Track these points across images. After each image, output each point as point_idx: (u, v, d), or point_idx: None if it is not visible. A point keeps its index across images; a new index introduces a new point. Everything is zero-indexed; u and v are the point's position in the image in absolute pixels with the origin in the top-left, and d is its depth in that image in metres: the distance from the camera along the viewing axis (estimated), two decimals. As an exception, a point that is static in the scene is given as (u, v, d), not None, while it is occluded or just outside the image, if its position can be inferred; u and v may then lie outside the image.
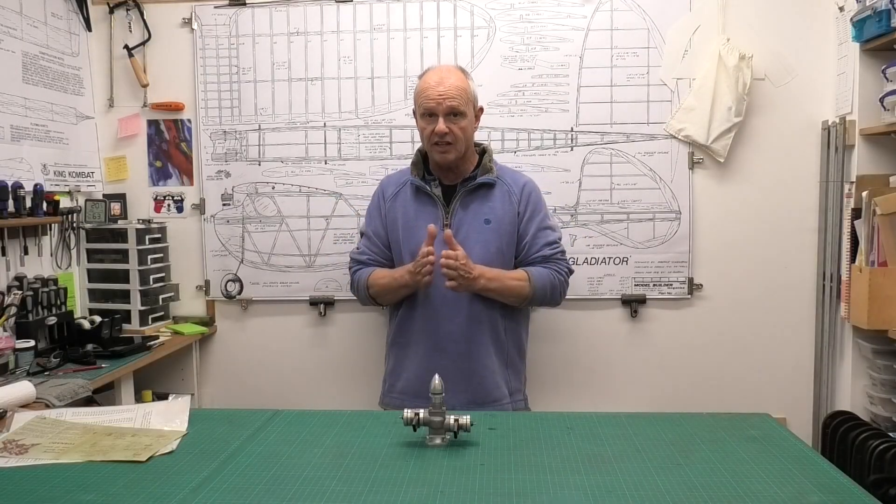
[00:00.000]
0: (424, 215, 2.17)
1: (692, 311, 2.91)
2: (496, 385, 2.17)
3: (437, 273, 2.06)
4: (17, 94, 2.56)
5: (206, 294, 3.04)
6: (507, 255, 2.19)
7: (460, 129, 2.08)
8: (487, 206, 2.17)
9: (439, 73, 2.13)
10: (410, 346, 2.20)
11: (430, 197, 2.18)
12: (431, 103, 2.07)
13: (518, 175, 2.29)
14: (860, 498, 1.11)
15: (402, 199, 2.23)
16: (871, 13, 2.38)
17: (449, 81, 2.09)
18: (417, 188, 2.20)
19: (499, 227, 2.16)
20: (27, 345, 2.29)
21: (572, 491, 1.14)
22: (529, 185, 2.24)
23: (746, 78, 2.75)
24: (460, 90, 2.09)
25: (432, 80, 2.11)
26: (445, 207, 2.17)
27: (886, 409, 2.44)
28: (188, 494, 1.13)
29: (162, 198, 3.06)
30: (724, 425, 1.43)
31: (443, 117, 2.06)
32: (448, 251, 2.03)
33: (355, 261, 2.32)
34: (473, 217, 2.16)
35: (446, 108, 2.06)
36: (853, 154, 2.62)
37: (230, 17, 2.95)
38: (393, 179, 2.33)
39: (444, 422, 1.33)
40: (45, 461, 1.26)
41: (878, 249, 2.41)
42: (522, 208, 2.19)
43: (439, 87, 2.08)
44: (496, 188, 2.18)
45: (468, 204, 2.17)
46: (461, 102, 2.08)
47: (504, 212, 2.17)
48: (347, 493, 1.14)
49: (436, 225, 2.07)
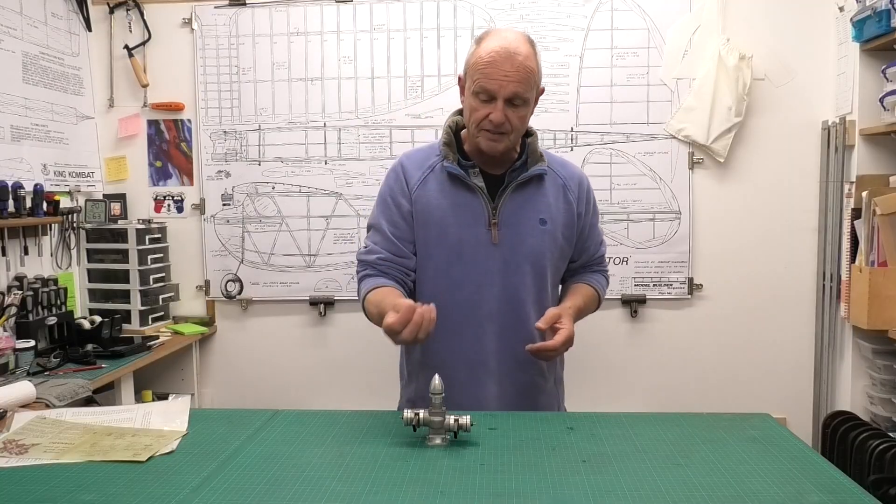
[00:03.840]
0: (463, 211, 1.70)
1: (692, 311, 2.91)
2: (550, 408, 1.83)
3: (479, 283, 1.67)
4: (17, 94, 2.56)
5: (206, 294, 3.04)
6: (562, 262, 1.80)
7: (519, 119, 1.65)
8: (543, 202, 1.73)
9: (506, 43, 1.62)
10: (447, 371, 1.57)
11: (468, 188, 1.71)
12: (493, 85, 1.60)
13: (570, 166, 1.85)
14: (860, 498, 1.10)
15: (433, 188, 1.72)
16: (871, 13, 2.38)
17: (517, 59, 1.60)
18: (451, 175, 1.71)
19: (555, 230, 1.73)
20: (27, 345, 2.29)
21: (572, 491, 1.14)
22: (586, 180, 1.84)
23: (746, 78, 2.75)
24: (528, 72, 1.62)
25: (497, 52, 1.60)
26: (490, 202, 1.70)
27: (886, 409, 2.44)
28: (188, 494, 1.13)
29: (162, 198, 3.06)
30: (724, 425, 1.43)
31: (503, 102, 1.62)
32: (546, 344, 1.58)
33: (362, 262, 1.75)
34: (526, 215, 1.72)
35: (509, 94, 1.61)
36: (853, 154, 2.62)
37: (230, 17, 2.95)
38: (417, 160, 1.78)
39: (444, 422, 1.33)
40: (45, 461, 1.26)
41: (878, 249, 2.41)
42: (583, 208, 1.79)
43: (505, 66, 1.60)
44: (546, 180, 1.75)
45: (519, 200, 1.72)
46: (527, 88, 1.63)
47: (558, 210, 1.75)
48: (347, 493, 1.13)
49: (480, 222, 1.68)
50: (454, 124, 1.76)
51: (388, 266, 1.72)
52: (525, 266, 1.70)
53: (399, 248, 1.72)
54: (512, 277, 1.70)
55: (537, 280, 1.73)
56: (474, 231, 1.69)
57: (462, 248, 1.69)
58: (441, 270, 1.71)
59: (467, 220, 1.69)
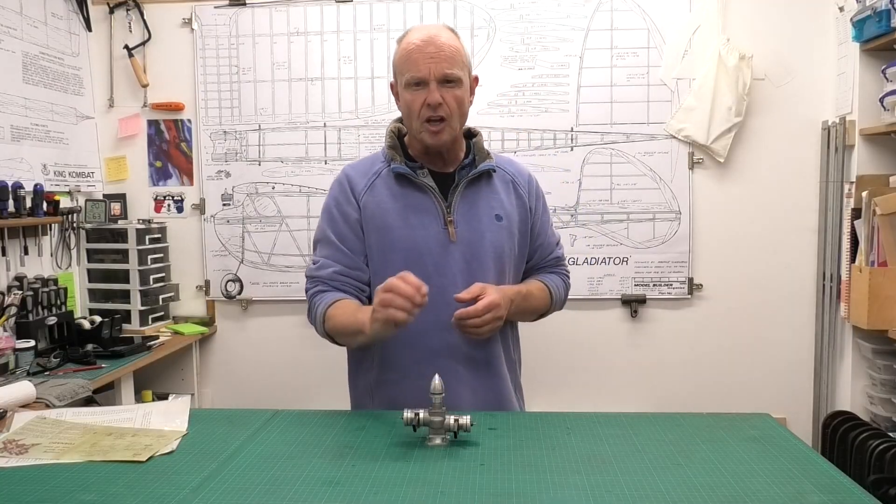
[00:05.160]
0: (416, 213, 1.66)
1: (692, 311, 2.91)
2: (510, 392, 1.77)
3: (441, 284, 1.58)
4: (17, 94, 2.56)
5: (206, 294, 3.04)
6: (521, 259, 1.77)
7: (455, 100, 1.61)
8: (496, 198, 1.71)
9: (426, 30, 1.64)
10: (408, 380, 1.64)
11: (418, 188, 1.67)
12: (422, 69, 1.58)
13: (517, 163, 1.85)
14: (860, 498, 1.10)
15: (380, 193, 1.68)
16: (871, 13, 2.38)
17: (440, 40, 1.60)
18: (399, 177, 1.67)
19: (511, 225, 1.72)
20: (27, 345, 2.29)
21: (572, 491, 1.14)
22: (534, 178, 1.83)
23: (746, 78, 2.75)
24: (454, 50, 1.61)
25: (419, 40, 1.61)
26: (444, 200, 1.67)
27: (886, 409, 2.44)
28: (188, 494, 1.13)
29: (162, 198, 3.06)
30: (724, 425, 1.43)
31: (435, 84, 1.59)
32: (468, 309, 1.53)
33: (313, 279, 1.69)
34: (481, 213, 1.69)
35: (439, 73, 1.58)
36: (853, 154, 2.62)
37: (230, 17, 2.95)
38: (360, 168, 1.75)
39: (444, 422, 1.33)
40: (45, 461, 1.26)
41: (878, 249, 2.41)
42: (534, 203, 1.77)
43: (429, 49, 1.59)
44: (495, 178, 1.74)
45: (471, 196, 1.69)
46: (456, 67, 1.61)
47: (511, 205, 1.73)
48: (347, 493, 1.13)
49: (435, 222, 1.64)
50: (396, 130, 1.74)
51: (343, 282, 1.66)
52: (487, 263, 1.66)
53: (352, 260, 1.67)
54: (475, 276, 1.64)
55: (499, 277, 1.69)
56: (430, 231, 1.65)
57: (420, 250, 1.63)
58: None
59: (422, 220, 1.65)
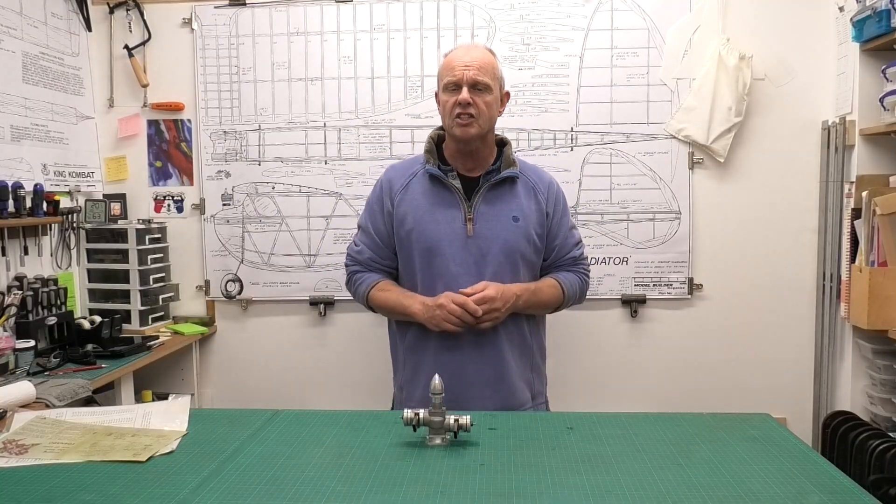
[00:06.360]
0: (441, 209, 1.96)
1: (692, 311, 2.91)
2: (521, 390, 2.01)
3: (457, 273, 1.93)
4: (17, 94, 2.56)
5: (206, 294, 3.04)
6: (536, 256, 2.03)
7: (484, 104, 1.93)
8: (515, 202, 1.99)
9: (466, 47, 2.02)
10: (429, 352, 1.98)
11: (447, 189, 1.98)
12: (456, 74, 1.92)
13: (541, 171, 2.13)
14: (860, 498, 1.11)
15: (414, 191, 2.01)
16: (871, 13, 2.38)
17: (474, 54, 1.96)
18: (432, 178, 1.99)
19: (527, 226, 1.98)
20: (27, 345, 2.29)
21: (572, 491, 1.14)
22: (555, 184, 2.11)
23: (746, 78, 2.75)
24: (486, 64, 1.95)
25: (458, 52, 1.99)
26: (467, 202, 1.97)
27: (886, 409, 2.44)
28: (188, 494, 1.13)
29: (162, 198, 3.06)
30: (724, 425, 1.43)
31: (466, 88, 1.91)
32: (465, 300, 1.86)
33: (354, 259, 2.10)
34: (500, 213, 1.97)
35: (470, 80, 1.91)
36: (853, 154, 2.62)
37: (230, 17, 2.95)
38: (400, 169, 2.10)
39: (444, 422, 1.33)
40: (45, 461, 1.26)
41: (878, 249, 2.41)
42: (551, 208, 2.04)
43: (465, 58, 1.94)
44: (519, 184, 2.02)
45: (492, 199, 1.98)
46: (487, 76, 1.93)
47: (530, 210, 2.00)
48: (347, 493, 1.14)
49: (457, 218, 1.94)
50: (436, 136, 2.06)
51: (376, 266, 2.07)
52: (499, 257, 1.94)
53: (383, 250, 2.06)
54: (487, 267, 1.94)
55: (511, 269, 1.96)
56: (452, 226, 1.95)
57: (441, 241, 1.94)
58: (424, 262, 1.96)
59: (445, 216, 1.95)
